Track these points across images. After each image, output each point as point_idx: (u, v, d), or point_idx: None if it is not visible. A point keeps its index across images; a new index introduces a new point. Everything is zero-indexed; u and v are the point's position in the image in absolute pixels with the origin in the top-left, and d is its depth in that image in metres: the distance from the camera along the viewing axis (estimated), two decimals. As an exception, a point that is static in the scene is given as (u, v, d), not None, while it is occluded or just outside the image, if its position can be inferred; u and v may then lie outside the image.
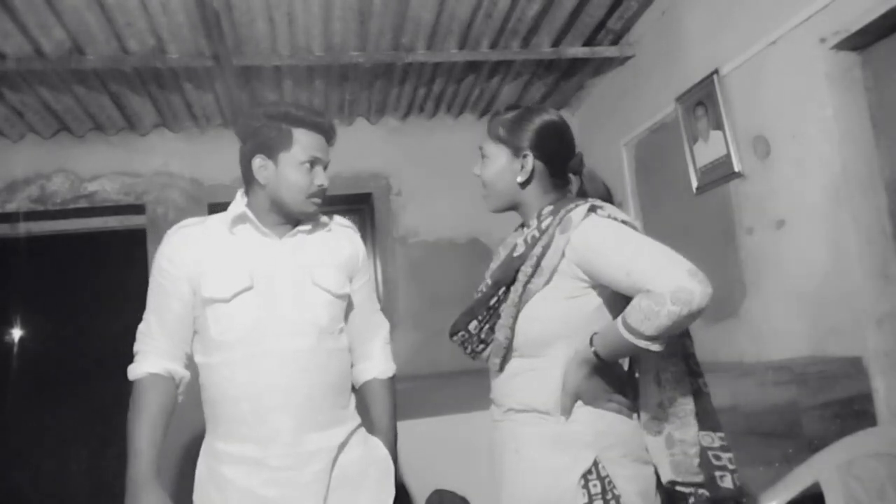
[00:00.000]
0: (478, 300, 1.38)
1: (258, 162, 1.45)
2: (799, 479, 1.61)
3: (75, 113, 3.39)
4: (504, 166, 1.39)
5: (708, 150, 2.71)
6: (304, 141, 1.44)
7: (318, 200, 1.49)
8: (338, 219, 1.63)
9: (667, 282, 1.13)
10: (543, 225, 1.31)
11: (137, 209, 3.68)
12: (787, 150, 2.32)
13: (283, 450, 1.37)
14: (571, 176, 1.43)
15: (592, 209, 1.29)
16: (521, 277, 1.30)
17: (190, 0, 2.57)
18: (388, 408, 1.60)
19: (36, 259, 4.13)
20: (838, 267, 2.13)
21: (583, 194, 1.42)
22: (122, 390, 1.43)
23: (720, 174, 2.64)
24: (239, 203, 1.49)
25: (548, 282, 1.29)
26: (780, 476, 1.64)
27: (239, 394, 1.39)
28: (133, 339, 1.47)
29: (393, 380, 1.65)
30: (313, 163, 1.46)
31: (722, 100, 2.58)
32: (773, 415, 1.92)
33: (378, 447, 1.53)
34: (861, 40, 2.07)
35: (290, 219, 1.49)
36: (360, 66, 3.22)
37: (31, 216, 3.59)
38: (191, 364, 1.47)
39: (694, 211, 2.87)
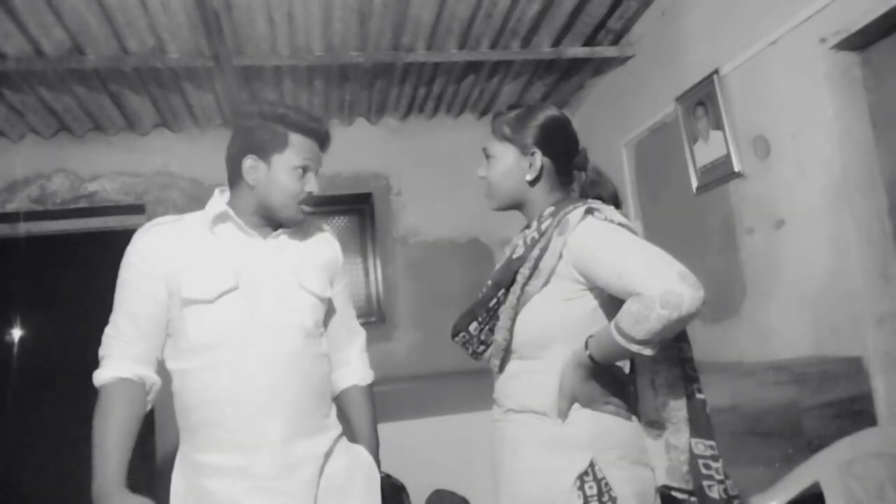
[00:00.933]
0: (478, 301, 1.37)
1: (249, 162, 1.40)
2: (799, 479, 1.61)
3: (75, 113, 3.39)
4: (512, 165, 1.38)
5: (708, 150, 2.71)
6: (298, 145, 1.40)
7: (306, 208, 1.45)
8: (316, 223, 1.60)
9: (656, 285, 1.12)
10: (543, 227, 1.30)
11: (137, 209, 3.68)
12: (787, 150, 2.32)
13: (270, 457, 1.31)
14: (576, 172, 1.43)
15: (590, 211, 1.29)
16: (520, 279, 1.29)
17: (190, 0, 2.57)
18: (369, 415, 1.57)
19: (36, 259, 4.13)
20: (838, 267, 2.13)
21: (587, 192, 1.41)
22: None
23: (720, 174, 2.64)
24: (218, 201, 1.44)
25: (546, 284, 1.29)
26: (780, 476, 1.64)
27: (222, 398, 1.31)
28: None
29: (372, 387, 1.62)
30: (306, 168, 1.41)
31: (722, 100, 2.58)
32: (773, 415, 1.92)
33: (362, 454, 1.50)
34: (861, 40, 2.07)
35: (273, 222, 1.45)
36: (360, 66, 3.21)
37: (31, 216, 3.59)
38: (161, 370, 1.39)
39: (694, 211, 2.86)
